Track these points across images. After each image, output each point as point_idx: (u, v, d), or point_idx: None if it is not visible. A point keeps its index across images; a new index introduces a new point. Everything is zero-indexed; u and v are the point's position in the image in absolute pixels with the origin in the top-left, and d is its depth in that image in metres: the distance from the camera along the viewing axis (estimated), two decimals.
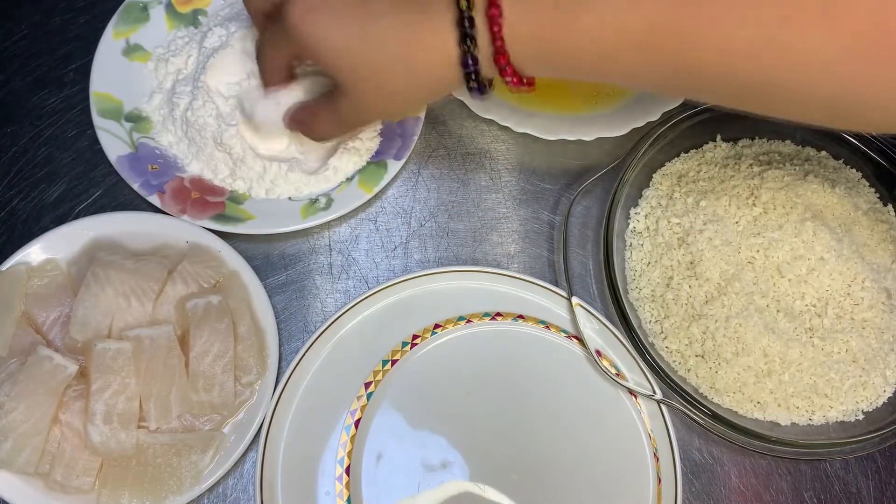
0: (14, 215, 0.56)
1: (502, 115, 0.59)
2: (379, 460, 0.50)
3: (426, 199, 0.59)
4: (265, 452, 0.49)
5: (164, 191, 0.54)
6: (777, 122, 0.59)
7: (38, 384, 0.46)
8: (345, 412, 0.51)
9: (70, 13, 0.63)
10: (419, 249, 0.57)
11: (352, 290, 0.56)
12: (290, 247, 0.57)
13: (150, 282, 0.50)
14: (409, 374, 0.52)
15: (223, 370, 0.49)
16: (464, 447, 0.50)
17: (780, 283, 0.52)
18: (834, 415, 0.52)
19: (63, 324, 0.50)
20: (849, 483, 0.52)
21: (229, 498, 0.50)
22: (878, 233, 0.55)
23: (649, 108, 0.59)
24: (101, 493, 0.47)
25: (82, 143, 0.58)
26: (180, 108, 0.56)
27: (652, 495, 0.50)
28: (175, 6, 0.60)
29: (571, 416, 0.52)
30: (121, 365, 0.47)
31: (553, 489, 0.50)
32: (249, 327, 0.51)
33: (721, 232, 0.54)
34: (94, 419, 0.46)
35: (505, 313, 0.54)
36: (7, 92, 0.60)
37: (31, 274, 0.51)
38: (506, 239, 0.58)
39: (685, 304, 0.53)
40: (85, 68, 0.58)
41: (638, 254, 0.56)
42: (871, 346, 0.52)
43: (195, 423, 0.49)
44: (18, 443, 0.45)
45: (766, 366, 0.51)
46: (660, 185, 0.58)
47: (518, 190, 0.60)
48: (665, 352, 0.53)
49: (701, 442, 0.53)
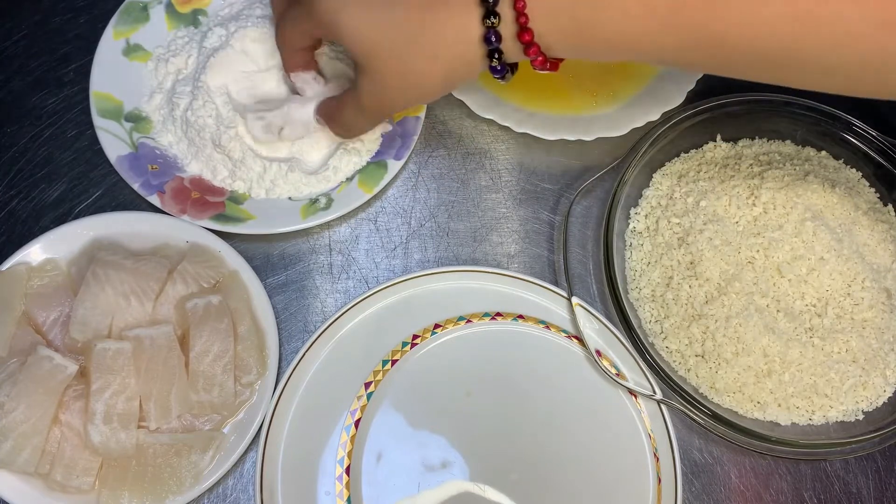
0: (14, 215, 0.56)
1: (502, 115, 0.59)
2: (379, 460, 0.50)
3: (426, 199, 0.59)
4: (265, 452, 0.49)
5: (164, 191, 0.54)
6: (777, 121, 0.60)
7: (38, 384, 0.46)
8: (345, 412, 0.51)
9: (70, 13, 0.63)
10: (419, 249, 0.57)
11: (352, 290, 0.56)
12: (290, 247, 0.57)
13: (150, 282, 0.50)
14: (409, 374, 0.52)
15: (223, 370, 0.49)
16: (464, 447, 0.50)
17: (780, 283, 0.52)
18: (834, 415, 0.52)
19: (63, 324, 0.50)
20: (849, 483, 0.52)
21: (229, 498, 0.50)
22: (878, 233, 0.55)
23: (649, 108, 0.59)
24: (101, 493, 0.47)
25: (82, 143, 0.58)
26: (180, 108, 0.56)
27: (652, 495, 0.50)
28: (175, 6, 0.60)
29: (571, 416, 0.52)
30: (121, 365, 0.47)
31: (553, 489, 0.50)
32: (249, 327, 0.51)
33: (721, 232, 0.54)
34: (94, 419, 0.46)
35: (505, 313, 0.54)
36: (7, 92, 0.60)
37: (31, 274, 0.51)
38: (506, 239, 0.58)
39: (685, 304, 0.53)
40: (85, 68, 0.58)
41: (638, 254, 0.56)
42: (871, 346, 0.52)
43: (195, 423, 0.49)
44: (18, 443, 0.45)
45: (766, 366, 0.51)
46: (660, 185, 0.58)
47: (518, 190, 0.60)
48: (665, 352, 0.53)
49: (701, 442, 0.53)
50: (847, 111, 0.58)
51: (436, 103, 0.61)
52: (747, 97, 0.58)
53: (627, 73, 0.62)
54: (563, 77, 0.62)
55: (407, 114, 0.58)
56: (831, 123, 0.59)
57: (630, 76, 0.62)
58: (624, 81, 0.62)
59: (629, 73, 0.62)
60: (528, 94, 0.61)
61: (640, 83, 0.62)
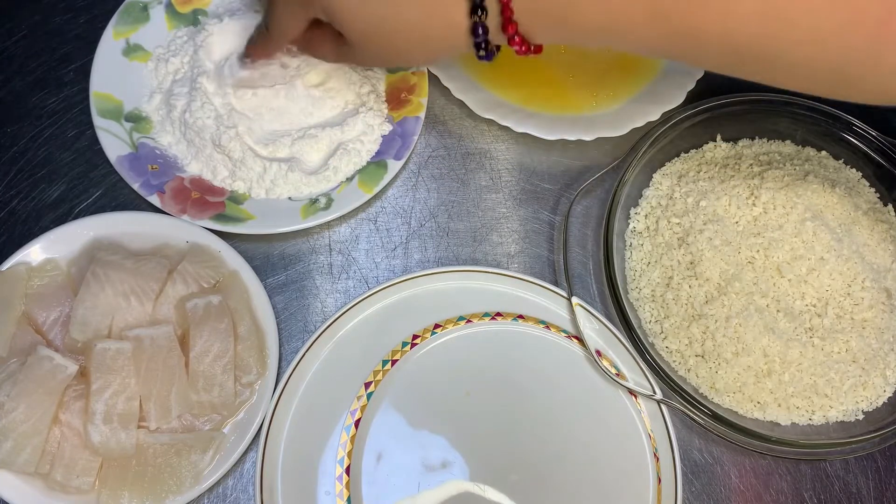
0: (14, 215, 0.56)
1: (502, 115, 0.59)
2: (379, 460, 0.50)
3: (426, 199, 0.59)
4: (265, 452, 0.49)
5: (164, 191, 0.54)
6: (777, 121, 0.60)
7: (38, 384, 0.46)
8: (345, 412, 0.51)
9: (70, 13, 0.62)
10: (419, 249, 0.57)
11: (352, 290, 0.56)
12: (290, 247, 0.57)
13: (150, 282, 0.50)
14: (409, 374, 0.52)
15: (223, 370, 0.49)
16: (464, 447, 0.50)
17: (780, 283, 0.52)
18: (834, 415, 0.52)
19: (63, 324, 0.50)
20: (849, 483, 0.52)
21: (229, 498, 0.50)
22: (878, 233, 0.55)
23: (649, 108, 0.59)
24: (101, 493, 0.47)
25: (82, 143, 0.58)
26: (177, 109, 0.56)
27: (652, 495, 0.50)
28: (175, 6, 0.60)
29: (571, 416, 0.52)
30: (121, 365, 0.47)
31: (553, 489, 0.50)
32: (249, 327, 0.51)
33: (721, 232, 0.54)
34: (94, 419, 0.46)
35: (505, 313, 0.54)
36: (7, 92, 0.60)
37: (31, 274, 0.51)
38: (506, 239, 0.58)
39: (685, 304, 0.53)
40: (85, 68, 0.58)
41: (638, 254, 0.56)
42: (871, 346, 0.52)
43: (195, 423, 0.49)
44: (18, 443, 0.45)
45: (766, 366, 0.51)
46: (660, 185, 0.58)
47: (518, 190, 0.60)
48: (665, 352, 0.53)
49: (701, 442, 0.53)
50: (847, 111, 0.58)
51: (435, 103, 0.61)
52: (747, 97, 0.58)
53: (627, 73, 0.62)
54: (563, 77, 0.62)
55: (407, 114, 0.58)
56: (831, 123, 0.59)
57: (630, 76, 0.62)
58: (624, 81, 0.62)
59: (629, 73, 0.62)
60: (528, 94, 0.61)
61: (640, 83, 0.62)
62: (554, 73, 0.62)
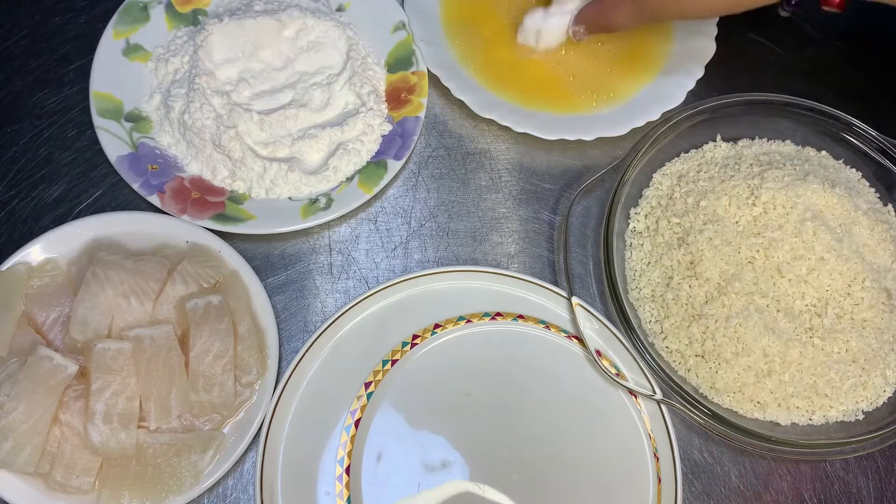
0: (14, 215, 0.56)
1: (502, 115, 0.59)
2: (379, 460, 0.50)
3: (426, 199, 0.59)
4: (265, 452, 0.49)
5: (164, 191, 0.54)
6: (777, 121, 0.60)
7: (38, 384, 0.46)
8: (345, 412, 0.51)
9: (70, 13, 0.63)
10: (419, 249, 0.57)
11: (352, 290, 0.56)
12: (290, 247, 0.57)
13: (150, 282, 0.50)
14: (409, 374, 0.52)
15: (223, 370, 0.49)
16: (464, 447, 0.50)
17: (780, 283, 0.52)
18: (834, 415, 0.52)
19: (63, 324, 0.50)
20: (849, 483, 0.52)
21: (229, 498, 0.50)
22: (878, 233, 0.55)
23: (649, 108, 0.59)
24: (101, 493, 0.47)
25: (82, 143, 0.58)
26: (175, 110, 0.56)
27: (652, 495, 0.50)
28: (175, 6, 0.60)
29: (571, 416, 0.52)
30: (121, 365, 0.47)
31: (553, 489, 0.50)
32: (249, 327, 0.51)
33: (721, 232, 0.54)
34: (94, 419, 0.46)
35: (505, 313, 0.54)
36: (7, 92, 0.60)
37: (31, 274, 0.51)
38: (506, 239, 0.58)
39: (685, 304, 0.53)
40: (85, 68, 0.58)
41: (638, 254, 0.56)
42: (871, 346, 0.52)
43: (195, 423, 0.49)
44: (18, 443, 0.45)
45: (766, 366, 0.51)
46: (660, 185, 0.58)
47: (518, 190, 0.60)
48: (665, 352, 0.53)
49: (701, 442, 0.53)
50: (847, 111, 0.58)
51: (435, 103, 0.61)
52: (747, 97, 0.58)
53: (627, 73, 0.62)
54: (563, 77, 0.62)
55: (407, 114, 0.58)
56: (831, 123, 0.59)
57: (630, 76, 0.62)
58: (624, 81, 0.62)
59: (629, 73, 0.62)
60: (528, 94, 0.61)
61: (640, 83, 0.62)
62: (554, 73, 0.62)
